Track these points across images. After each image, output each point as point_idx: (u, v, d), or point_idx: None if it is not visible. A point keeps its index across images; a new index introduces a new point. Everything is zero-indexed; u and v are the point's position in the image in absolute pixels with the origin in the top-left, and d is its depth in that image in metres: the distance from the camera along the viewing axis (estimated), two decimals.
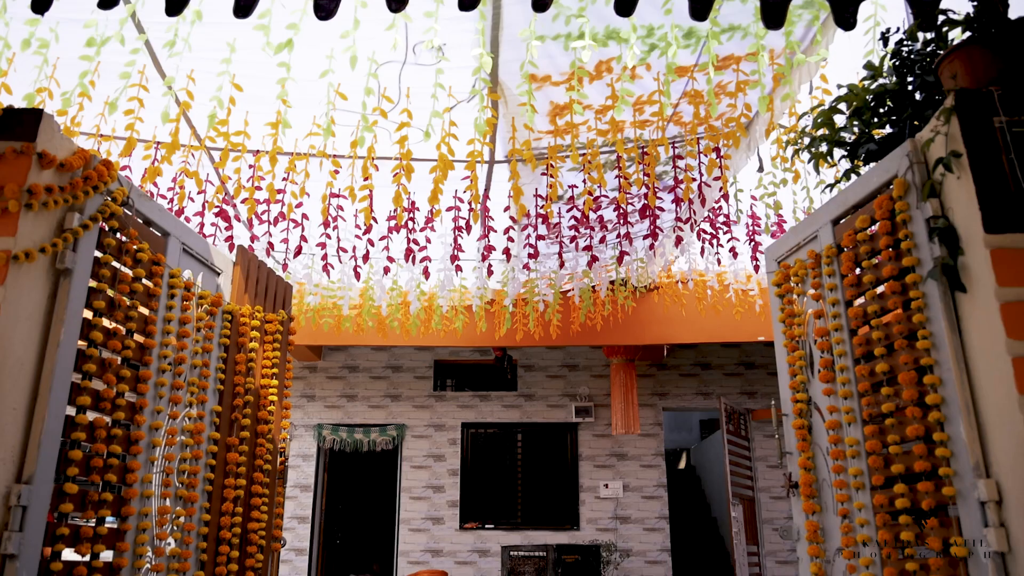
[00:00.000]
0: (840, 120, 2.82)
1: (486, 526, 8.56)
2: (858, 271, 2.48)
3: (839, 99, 2.74)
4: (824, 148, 2.83)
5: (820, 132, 2.80)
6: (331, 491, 9.23)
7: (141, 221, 2.67)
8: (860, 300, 2.48)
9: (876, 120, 2.74)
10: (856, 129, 2.75)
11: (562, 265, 4.48)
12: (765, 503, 8.41)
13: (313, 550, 8.59)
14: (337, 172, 3.90)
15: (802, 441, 2.70)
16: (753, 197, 4.71)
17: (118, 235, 2.48)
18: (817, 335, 2.62)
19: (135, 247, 2.54)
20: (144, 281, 2.60)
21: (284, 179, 3.99)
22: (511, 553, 7.26)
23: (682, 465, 12.00)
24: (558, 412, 8.93)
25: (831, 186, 2.77)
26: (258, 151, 4.05)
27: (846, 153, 2.79)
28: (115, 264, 2.45)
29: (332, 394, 9.04)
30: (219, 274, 3.11)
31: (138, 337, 2.58)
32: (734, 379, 8.94)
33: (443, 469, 8.78)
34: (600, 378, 8.98)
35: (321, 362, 9.12)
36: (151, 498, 2.55)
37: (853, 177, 2.77)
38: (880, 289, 2.37)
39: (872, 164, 2.69)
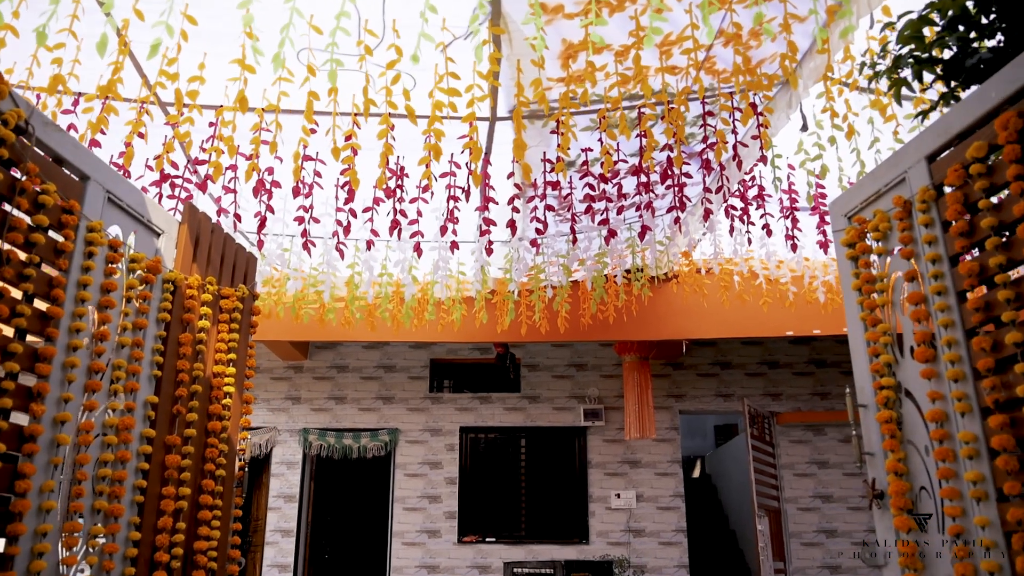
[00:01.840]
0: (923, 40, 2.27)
1: (487, 540, 8.01)
2: (969, 217, 1.92)
3: (931, 6, 2.18)
4: (909, 71, 2.27)
5: (906, 49, 2.24)
6: (318, 501, 8.72)
7: (51, 159, 2.11)
8: (974, 253, 1.92)
9: (976, 33, 2.19)
10: (952, 45, 2.19)
11: (575, 242, 3.91)
12: (792, 515, 7.81)
13: (298, 566, 8.08)
14: (314, 130, 3.34)
15: (890, 438, 2.12)
16: (791, 166, 4.15)
17: (10, 171, 1.93)
18: (910, 302, 2.06)
19: (35, 188, 1.98)
20: (50, 233, 2.05)
21: (251, 142, 3.43)
22: (515, 570, 6.83)
23: (696, 473, 11.38)
24: (565, 415, 8.37)
25: (923, 114, 2.20)
26: (221, 106, 3.49)
27: (939, 75, 2.22)
28: (5, 207, 1.90)
29: (319, 396, 8.49)
30: (159, 235, 2.55)
31: (39, 304, 2.02)
32: (756, 379, 8.34)
33: (440, 477, 8.23)
34: (611, 378, 8.41)
35: (307, 361, 8.57)
36: (53, 512, 1.98)
37: (950, 105, 2.21)
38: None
39: (975, 87, 2.13)
